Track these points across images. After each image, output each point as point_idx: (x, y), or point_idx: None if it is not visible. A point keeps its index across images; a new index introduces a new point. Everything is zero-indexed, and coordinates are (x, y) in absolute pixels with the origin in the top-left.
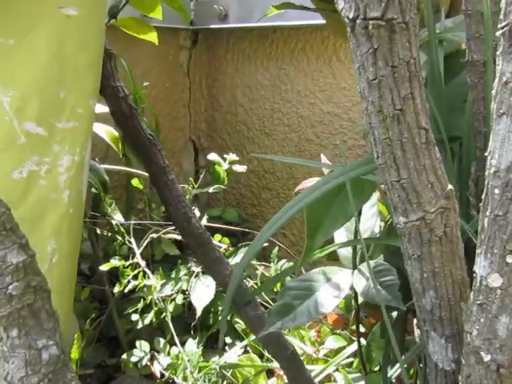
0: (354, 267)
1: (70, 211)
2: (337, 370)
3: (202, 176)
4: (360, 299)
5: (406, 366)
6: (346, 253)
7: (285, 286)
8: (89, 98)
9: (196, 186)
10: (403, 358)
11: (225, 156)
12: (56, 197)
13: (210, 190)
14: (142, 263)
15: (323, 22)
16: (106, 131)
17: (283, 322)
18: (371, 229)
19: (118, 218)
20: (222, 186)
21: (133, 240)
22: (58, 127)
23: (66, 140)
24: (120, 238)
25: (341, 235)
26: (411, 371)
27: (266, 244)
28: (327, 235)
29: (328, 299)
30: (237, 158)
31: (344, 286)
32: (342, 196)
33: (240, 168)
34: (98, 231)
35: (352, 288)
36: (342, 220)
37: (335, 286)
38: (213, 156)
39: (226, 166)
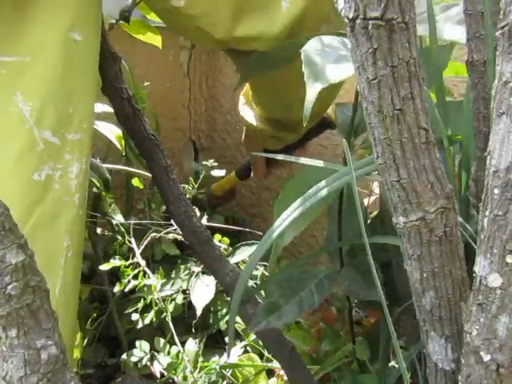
0: (342, 265)
1: (80, 213)
2: (336, 369)
3: (201, 176)
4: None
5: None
6: (334, 252)
7: (273, 285)
8: (91, 115)
9: (196, 186)
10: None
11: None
12: (68, 199)
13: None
14: (142, 263)
15: None
16: (110, 130)
17: (269, 320)
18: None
19: (118, 218)
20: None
21: (133, 240)
22: (68, 138)
23: (75, 150)
24: (120, 237)
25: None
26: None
27: None
28: (296, 232)
29: (313, 297)
30: (215, 164)
31: (330, 284)
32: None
33: (220, 172)
34: (98, 231)
35: (339, 286)
36: (312, 216)
37: (321, 285)
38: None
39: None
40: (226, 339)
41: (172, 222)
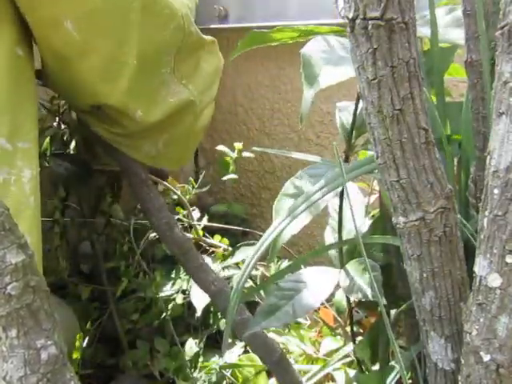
0: (342, 266)
1: (35, 213)
2: (337, 369)
3: (201, 176)
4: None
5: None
6: (334, 252)
7: (273, 287)
8: (36, 125)
9: (196, 186)
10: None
11: (234, 144)
12: (25, 201)
13: (225, 178)
14: (143, 263)
15: (323, 21)
16: None
17: (268, 321)
18: (358, 227)
19: (118, 217)
20: (235, 176)
21: (133, 240)
22: (19, 146)
23: (25, 157)
24: (120, 237)
25: (329, 236)
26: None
27: None
28: (295, 230)
29: (313, 298)
30: (241, 146)
31: (330, 284)
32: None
33: (248, 153)
34: (98, 231)
35: (339, 286)
36: (312, 215)
37: (320, 286)
38: (221, 147)
39: (234, 154)
40: None
41: None
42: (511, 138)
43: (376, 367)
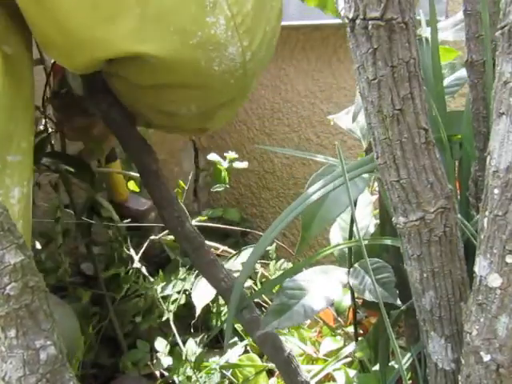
0: (350, 265)
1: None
2: (337, 369)
3: (201, 176)
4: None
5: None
6: (341, 252)
7: (281, 286)
8: (30, 133)
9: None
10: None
11: (225, 154)
12: None
13: (213, 188)
14: (142, 269)
15: (323, 21)
16: None
17: (280, 321)
18: (366, 228)
19: (117, 219)
20: (225, 185)
21: (129, 244)
22: (8, 160)
23: (15, 173)
24: (120, 239)
25: (336, 235)
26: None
27: None
28: (321, 226)
29: (323, 298)
30: (236, 156)
31: (339, 284)
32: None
33: (241, 164)
34: (98, 232)
35: (347, 286)
36: (337, 211)
37: (330, 285)
38: (212, 156)
39: (226, 164)
40: None
41: None
42: (511, 138)
43: (376, 367)
